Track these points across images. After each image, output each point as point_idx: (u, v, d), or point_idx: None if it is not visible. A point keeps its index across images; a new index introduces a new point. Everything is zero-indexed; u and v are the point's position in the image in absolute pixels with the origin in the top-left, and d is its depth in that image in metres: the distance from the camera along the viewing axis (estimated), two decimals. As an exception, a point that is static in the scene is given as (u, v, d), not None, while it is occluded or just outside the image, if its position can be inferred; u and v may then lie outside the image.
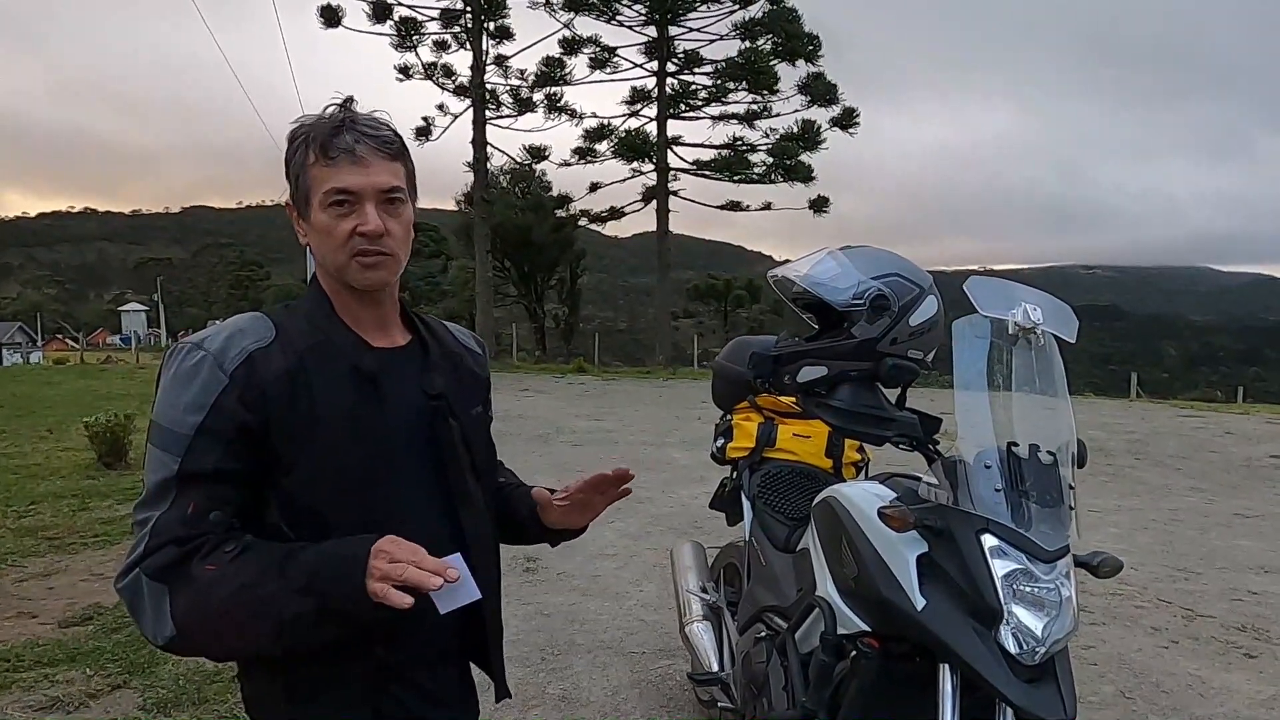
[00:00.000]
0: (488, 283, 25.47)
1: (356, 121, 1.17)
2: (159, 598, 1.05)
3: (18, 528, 5.65)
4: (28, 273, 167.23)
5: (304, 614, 1.05)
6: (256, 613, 1.05)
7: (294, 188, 1.21)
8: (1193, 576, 4.96)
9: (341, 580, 1.04)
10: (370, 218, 1.15)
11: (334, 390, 1.16)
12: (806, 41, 23.67)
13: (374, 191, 1.16)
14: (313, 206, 1.18)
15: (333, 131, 1.16)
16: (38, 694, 3.18)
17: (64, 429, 10.25)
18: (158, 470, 1.10)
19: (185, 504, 1.08)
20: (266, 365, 1.13)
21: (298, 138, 1.19)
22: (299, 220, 1.22)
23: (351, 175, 1.15)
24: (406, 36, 23.60)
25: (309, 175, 1.17)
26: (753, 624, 2.52)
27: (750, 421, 2.86)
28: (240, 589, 1.05)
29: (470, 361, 1.38)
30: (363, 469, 1.16)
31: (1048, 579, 1.69)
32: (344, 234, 1.16)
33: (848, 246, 2.08)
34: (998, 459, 1.76)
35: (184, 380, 1.11)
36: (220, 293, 79.90)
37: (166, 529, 1.07)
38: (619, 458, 8.63)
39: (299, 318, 1.21)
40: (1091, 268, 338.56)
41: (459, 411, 1.27)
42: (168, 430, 1.11)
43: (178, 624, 1.05)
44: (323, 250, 1.19)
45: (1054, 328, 1.84)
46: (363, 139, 1.16)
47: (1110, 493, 7.19)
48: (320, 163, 1.16)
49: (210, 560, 1.06)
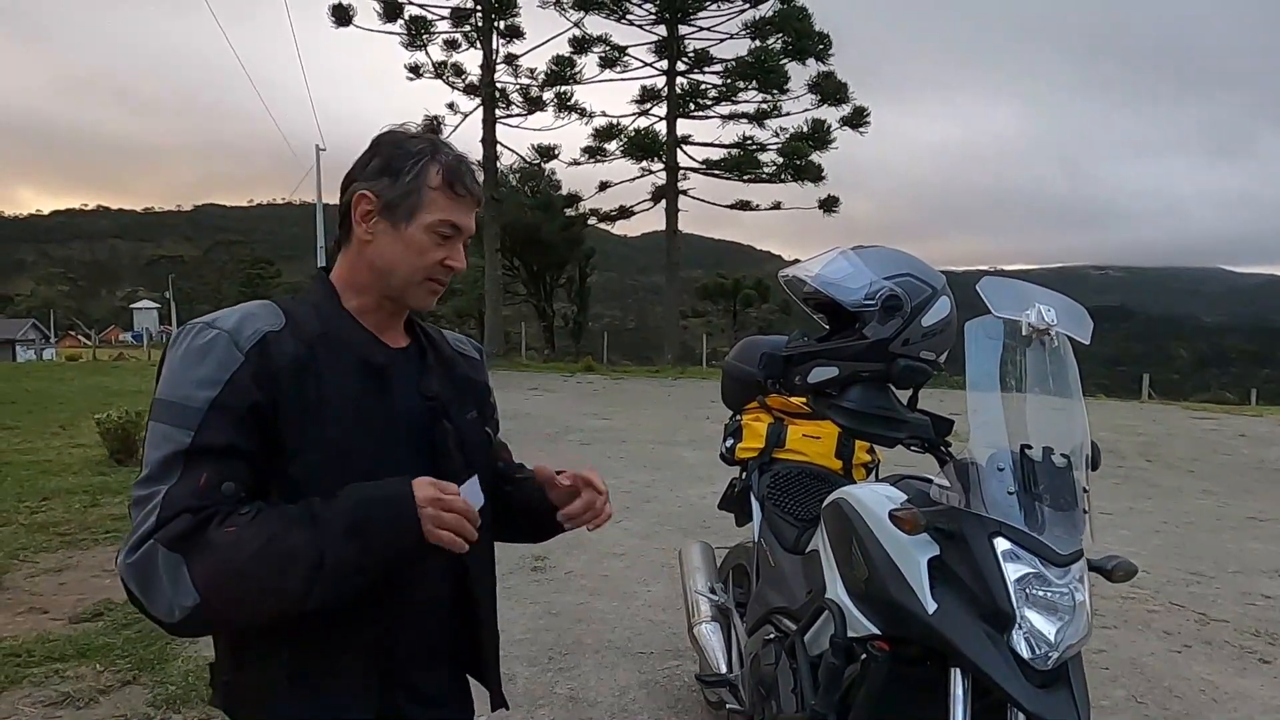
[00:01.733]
0: (497, 281, 25.49)
1: (473, 167, 1.28)
2: (176, 568, 1.03)
3: (30, 523, 5.68)
4: (41, 269, 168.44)
5: (346, 558, 1.07)
6: (286, 565, 1.05)
7: (399, 195, 1.21)
8: (1205, 580, 4.92)
9: (392, 520, 1.08)
10: (460, 256, 1.26)
11: (343, 381, 1.17)
12: (817, 40, 23.61)
13: (468, 234, 1.28)
14: (415, 223, 1.21)
15: (463, 168, 1.25)
16: (48, 689, 3.20)
17: (76, 425, 10.31)
18: (162, 446, 1.08)
19: (196, 476, 1.07)
20: (279, 349, 1.13)
21: (421, 152, 1.22)
22: (375, 219, 1.22)
23: (465, 216, 1.25)
24: (417, 35, 23.64)
25: (426, 195, 1.21)
26: (761, 625, 2.51)
27: (760, 422, 2.85)
28: (268, 542, 1.05)
29: (465, 367, 1.39)
30: (367, 460, 1.16)
31: (1061, 583, 1.68)
32: (434, 260, 1.23)
33: (860, 246, 2.06)
34: (1010, 461, 1.74)
35: (196, 356, 1.11)
36: (231, 290, 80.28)
37: (179, 499, 1.05)
38: (627, 456, 8.63)
39: (307, 307, 1.21)
40: (1102, 268, 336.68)
41: (454, 415, 1.29)
42: (177, 405, 1.09)
43: (200, 590, 1.03)
44: (400, 263, 1.22)
45: (1068, 329, 1.81)
46: (475, 186, 1.26)
47: (1121, 495, 7.14)
48: (445, 192, 1.22)
49: (228, 524, 1.05)
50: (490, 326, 24.36)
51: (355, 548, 1.06)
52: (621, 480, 7.42)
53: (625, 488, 7.13)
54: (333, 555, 1.05)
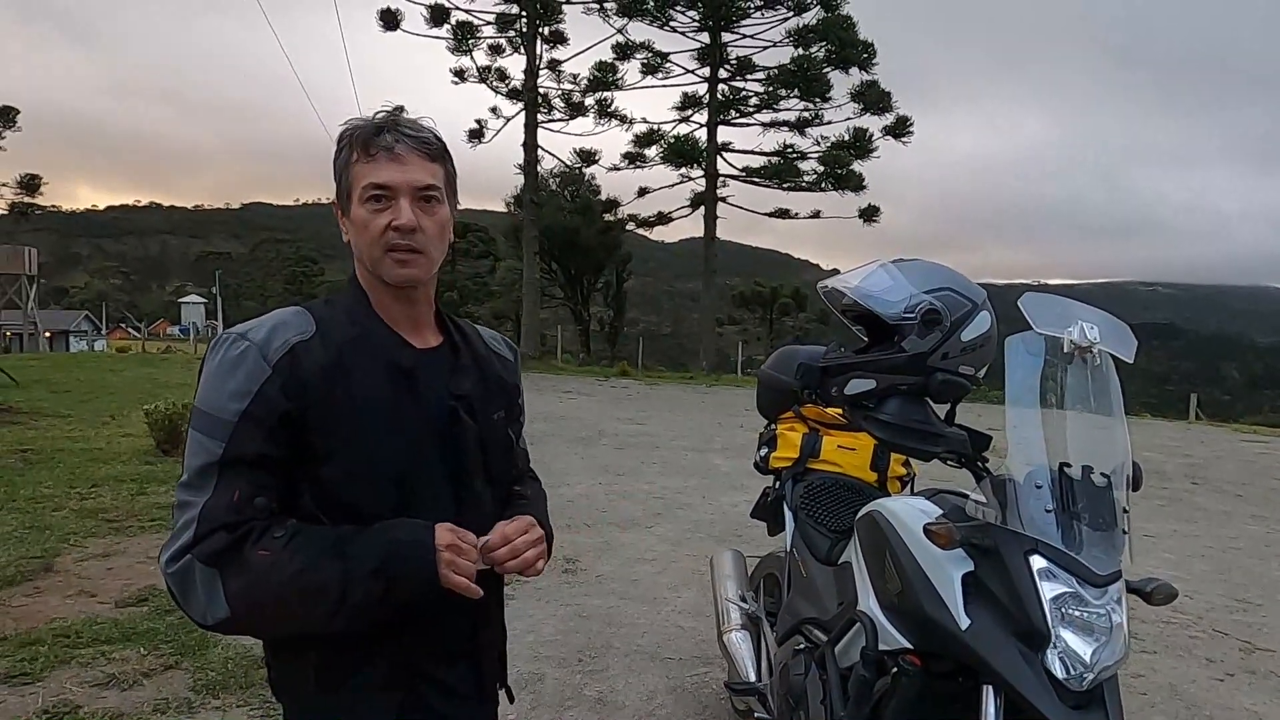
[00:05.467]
0: (534, 284, 25.68)
1: (399, 123, 1.23)
2: (211, 582, 1.10)
3: (80, 509, 5.87)
4: (95, 263, 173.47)
5: (370, 595, 1.12)
6: (314, 596, 1.11)
7: (337, 185, 1.26)
8: (1252, 608, 4.78)
9: (413, 566, 1.13)
10: (404, 212, 1.20)
11: (371, 383, 1.20)
12: (861, 49, 23.42)
13: (409, 188, 1.21)
14: (353, 202, 1.23)
15: (374, 131, 1.22)
16: (95, 670, 3.30)
17: (125, 415, 10.61)
18: (199, 455, 1.14)
19: (230, 490, 1.12)
20: (308, 357, 1.17)
21: (344, 138, 1.25)
22: (342, 218, 1.27)
23: (389, 171, 1.20)
24: (462, 40, 23.94)
25: (351, 172, 1.23)
26: (792, 635, 2.50)
27: (795, 432, 2.85)
28: (299, 573, 1.10)
29: (498, 367, 1.40)
30: (395, 462, 1.20)
31: (1098, 604, 1.66)
32: (379, 228, 1.20)
33: (900, 259, 2.06)
34: (1049, 479, 1.73)
35: (228, 369, 1.16)
36: (276, 287, 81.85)
37: (214, 515, 1.11)
38: (660, 462, 8.63)
39: (338, 312, 1.25)
40: (1151, 284, 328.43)
41: (479, 415, 1.30)
42: (211, 416, 1.15)
43: (232, 607, 1.10)
44: (360, 245, 1.24)
45: (1111, 347, 1.79)
46: (402, 138, 1.22)
47: (1166, 517, 6.97)
48: (361, 160, 1.22)
49: (262, 545, 1.11)
50: (527, 328, 24.53)
51: (379, 587, 1.12)
52: (654, 486, 7.43)
53: (658, 493, 7.14)
54: (357, 592, 1.12)
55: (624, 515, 6.35)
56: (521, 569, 1.24)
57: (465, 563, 1.16)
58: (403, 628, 1.20)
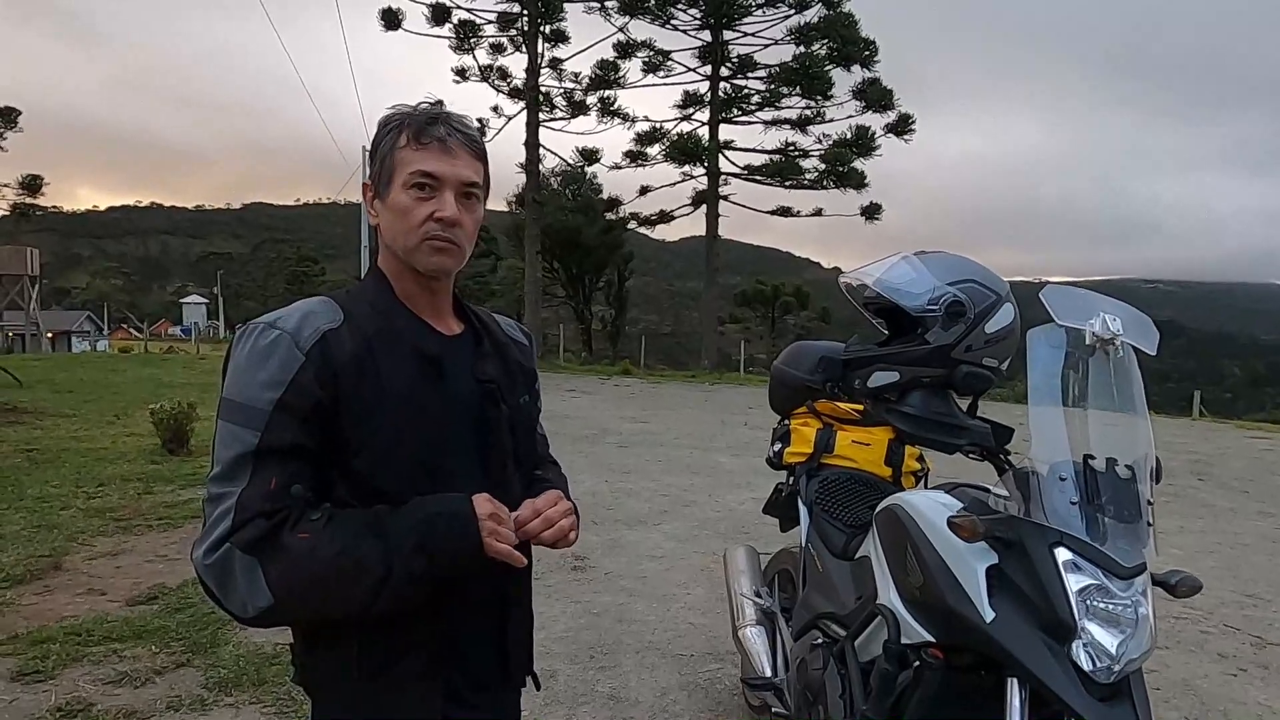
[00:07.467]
0: (536, 283, 25.68)
1: (450, 117, 1.23)
2: (251, 570, 1.08)
3: (87, 508, 5.87)
4: (96, 264, 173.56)
5: (412, 571, 1.11)
6: (356, 575, 1.10)
7: (377, 168, 1.25)
8: (1261, 603, 4.77)
9: (455, 538, 1.13)
10: (449, 205, 1.20)
11: (399, 372, 1.19)
12: (863, 47, 23.40)
13: (456, 181, 1.21)
14: (394, 187, 1.22)
15: (429, 120, 1.22)
16: (107, 668, 3.30)
17: (130, 415, 10.63)
18: (232, 445, 1.12)
19: (266, 478, 1.11)
20: (339, 346, 1.16)
21: (391, 122, 1.24)
22: (374, 201, 1.26)
23: (439, 162, 1.20)
24: (464, 39, 23.96)
25: (396, 157, 1.21)
26: (808, 630, 2.50)
27: (808, 427, 2.84)
28: (339, 553, 1.10)
29: (517, 352, 1.40)
30: (428, 449, 1.19)
31: (1124, 596, 1.65)
32: (421, 217, 1.20)
33: (923, 252, 2.05)
34: (1073, 471, 1.72)
35: (260, 358, 1.14)
36: (277, 287, 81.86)
37: (251, 503, 1.10)
38: (665, 460, 8.63)
39: (363, 302, 1.24)
40: (1152, 281, 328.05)
41: (507, 399, 1.31)
42: (244, 406, 1.13)
43: (275, 593, 1.09)
44: (395, 230, 1.23)
45: (1134, 339, 1.78)
46: (455, 132, 1.22)
47: (1172, 514, 6.95)
48: (411, 146, 1.21)
49: (300, 529, 1.10)
50: (529, 327, 24.37)
51: (422, 562, 1.11)
52: (659, 484, 7.43)
53: (664, 491, 7.13)
54: (400, 569, 1.11)
55: (631, 513, 6.34)
56: (556, 539, 1.23)
57: (507, 531, 1.17)
58: (438, 614, 1.20)
